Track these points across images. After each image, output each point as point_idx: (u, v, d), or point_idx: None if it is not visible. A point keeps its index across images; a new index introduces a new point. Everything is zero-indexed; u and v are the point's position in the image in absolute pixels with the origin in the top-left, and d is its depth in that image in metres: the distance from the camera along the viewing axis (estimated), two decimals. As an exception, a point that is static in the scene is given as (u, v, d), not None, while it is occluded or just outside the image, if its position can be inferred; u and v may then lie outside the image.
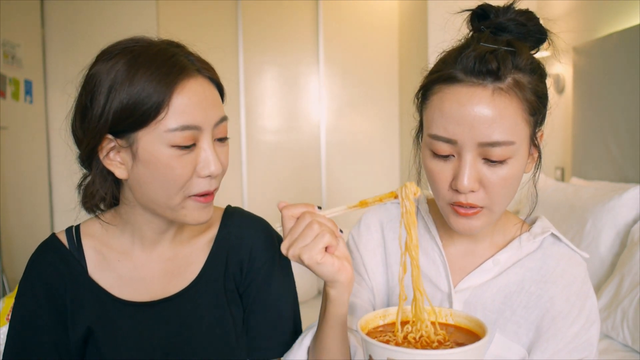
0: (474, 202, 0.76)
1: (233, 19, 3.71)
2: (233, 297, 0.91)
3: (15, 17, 3.11)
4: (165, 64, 0.77)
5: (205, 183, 0.80)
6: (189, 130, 0.77)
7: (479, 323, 0.65)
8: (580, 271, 0.84)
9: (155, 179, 0.78)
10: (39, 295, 0.85)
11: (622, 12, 2.27)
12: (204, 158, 0.79)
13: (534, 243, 0.86)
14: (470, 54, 0.74)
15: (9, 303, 1.29)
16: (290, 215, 0.74)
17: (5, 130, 2.97)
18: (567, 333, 0.80)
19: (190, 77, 0.78)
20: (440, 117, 0.75)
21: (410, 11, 3.48)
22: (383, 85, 3.83)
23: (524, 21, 0.78)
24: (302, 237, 0.72)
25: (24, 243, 3.14)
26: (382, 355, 0.58)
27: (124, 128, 0.77)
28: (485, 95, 0.73)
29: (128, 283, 0.88)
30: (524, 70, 0.75)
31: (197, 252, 0.91)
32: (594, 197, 1.99)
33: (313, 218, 0.73)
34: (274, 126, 3.82)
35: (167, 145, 0.76)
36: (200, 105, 0.78)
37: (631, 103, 2.12)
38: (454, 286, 0.87)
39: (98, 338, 0.85)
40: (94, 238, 0.89)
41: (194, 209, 0.81)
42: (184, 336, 0.87)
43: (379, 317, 0.69)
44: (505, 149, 0.73)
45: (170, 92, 0.75)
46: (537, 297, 0.83)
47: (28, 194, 3.25)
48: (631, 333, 1.55)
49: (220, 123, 0.82)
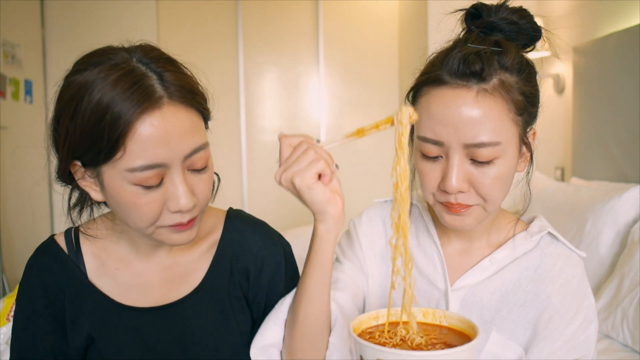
0: (463, 201, 0.76)
1: (233, 19, 3.71)
2: (239, 303, 0.89)
3: (15, 17, 3.11)
4: (126, 93, 0.68)
5: (176, 217, 0.74)
6: (152, 170, 0.70)
7: (471, 325, 0.65)
8: (578, 270, 0.84)
9: (124, 212, 0.74)
10: (37, 299, 0.85)
11: (622, 12, 2.27)
12: (172, 193, 0.72)
13: (530, 242, 0.86)
14: (456, 55, 0.75)
15: (9, 303, 1.29)
16: (288, 144, 0.72)
17: (5, 130, 2.97)
18: (564, 332, 0.80)
19: (154, 108, 0.69)
20: (427, 119, 0.76)
21: (410, 11, 3.48)
22: (383, 85, 3.83)
23: (516, 19, 0.79)
24: (297, 162, 0.69)
25: (24, 243, 3.14)
26: (372, 356, 0.58)
27: (86, 161, 0.73)
28: (470, 96, 0.73)
29: (128, 290, 0.86)
30: (511, 70, 0.75)
31: (198, 259, 0.89)
32: (594, 197, 1.99)
33: (310, 146, 0.71)
34: (274, 126, 3.82)
35: (129, 183, 0.71)
36: (164, 139, 0.69)
37: (631, 103, 2.12)
38: (450, 285, 0.87)
39: (99, 344, 0.84)
40: (93, 243, 0.87)
41: (171, 234, 0.76)
42: (187, 343, 0.85)
43: (372, 319, 0.69)
44: (492, 149, 0.73)
45: (126, 129, 0.68)
46: (534, 296, 0.83)
47: (28, 194, 3.25)
48: (631, 333, 1.55)
49: (194, 154, 0.73)
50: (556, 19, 2.79)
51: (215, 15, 3.67)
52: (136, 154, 0.69)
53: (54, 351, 0.84)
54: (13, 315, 0.88)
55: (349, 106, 3.85)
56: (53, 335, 0.84)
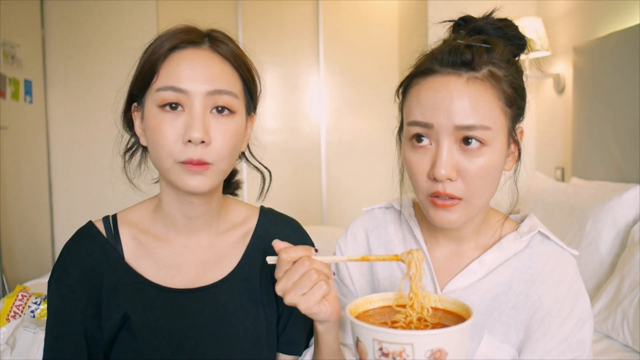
0: (452, 191, 0.76)
1: (233, 19, 3.71)
2: (268, 295, 0.91)
3: (15, 17, 3.11)
4: (174, 33, 0.83)
5: (189, 150, 0.79)
6: (173, 92, 0.79)
7: (465, 307, 0.67)
8: (570, 269, 0.83)
9: (150, 142, 0.83)
10: (73, 282, 0.86)
11: (622, 12, 2.27)
12: (188, 124, 0.79)
13: (521, 242, 0.85)
14: (446, 48, 0.77)
15: (9, 303, 1.29)
16: (289, 260, 0.74)
17: (5, 130, 2.97)
18: (558, 332, 0.80)
19: (193, 46, 0.82)
20: (417, 105, 0.78)
21: (410, 11, 3.48)
22: (383, 85, 3.83)
23: (502, 27, 0.81)
24: (300, 286, 0.72)
25: (24, 243, 3.15)
26: (368, 336, 0.61)
27: (136, 94, 0.84)
28: (460, 82, 0.75)
29: (164, 270, 0.88)
30: (499, 65, 0.77)
31: (233, 244, 0.93)
32: (594, 197, 1.99)
33: (311, 265, 0.73)
34: (274, 126, 3.82)
35: (155, 106, 0.81)
36: (192, 72, 0.80)
37: (631, 103, 2.12)
38: (440, 289, 0.86)
39: (133, 324, 0.85)
40: (131, 226, 0.91)
41: (182, 174, 0.81)
42: (215, 328, 0.87)
43: (368, 302, 0.72)
44: (482, 133, 0.75)
45: (163, 58, 0.81)
46: (526, 297, 0.82)
47: (28, 194, 3.25)
48: (631, 333, 1.55)
49: (217, 95, 0.81)
50: (556, 19, 2.79)
51: (215, 15, 3.67)
52: (165, 77, 0.81)
53: (86, 333, 0.85)
54: (46, 296, 0.91)
55: (349, 106, 3.85)
56: (86, 316, 0.85)
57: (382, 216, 0.97)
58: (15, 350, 1.16)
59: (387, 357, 0.60)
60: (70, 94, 3.47)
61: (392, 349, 0.60)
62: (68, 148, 3.49)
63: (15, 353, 1.16)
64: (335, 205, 3.84)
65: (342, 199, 3.84)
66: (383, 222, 0.96)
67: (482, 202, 0.80)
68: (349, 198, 3.83)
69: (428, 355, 0.59)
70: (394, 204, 0.96)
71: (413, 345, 0.59)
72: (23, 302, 1.29)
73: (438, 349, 0.59)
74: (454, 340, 0.61)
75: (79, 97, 3.49)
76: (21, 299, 1.30)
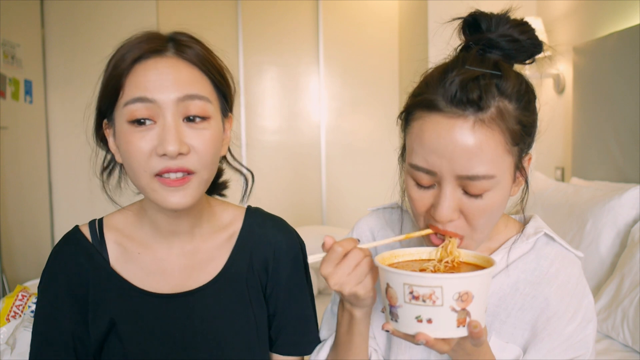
0: (452, 230, 0.75)
1: (233, 19, 3.71)
2: (257, 296, 0.91)
3: (15, 17, 3.11)
4: (136, 42, 0.80)
5: (164, 161, 0.77)
6: (142, 103, 0.77)
7: (486, 259, 0.72)
8: (575, 270, 0.84)
9: (124, 159, 0.81)
10: (60, 288, 0.86)
11: (622, 12, 2.27)
12: (161, 136, 0.76)
13: (526, 244, 0.85)
14: (454, 79, 0.71)
15: (9, 303, 1.29)
16: (341, 252, 0.75)
17: (5, 130, 2.97)
18: (562, 332, 0.80)
19: (157, 55, 0.79)
20: (420, 147, 0.74)
21: (410, 11, 3.48)
22: (383, 85, 3.83)
23: (517, 36, 0.76)
24: (355, 275, 0.75)
25: (24, 243, 3.14)
26: (398, 281, 0.65)
27: (105, 111, 0.82)
28: (466, 127, 0.70)
29: (149, 275, 0.88)
30: (510, 97, 0.73)
31: (218, 247, 0.92)
32: (594, 197, 1.99)
33: (364, 255, 0.76)
34: (274, 126, 3.82)
35: (125, 122, 0.78)
36: (158, 80, 0.77)
37: (631, 103, 2.12)
38: None
39: (121, 329, 0.85)
40: (116, 231, 0.90)
41: (160, 191, 0.78)
42: (204, 331, 0.87)
43: (394, 257, 0.77)
44: (486, 182, 0.72)
45: (127, 70, 0.78)
46: (532, 298, 0.83)
47: (28, 194, 3.25)
48: (631, 333, 1.55)
49: (188, 100, 0.78)
50: (556, 19, 2.79)
51: (215, 15, 3.67)
52: (131, 90, 0.78)
53: (74, 338, 0.85)
54: (35, 302, 0.90)
55: (349, 106, 3.85)
56: (74, 322, 0.85)
57: (388, 216, 0.97)
58: (16, 350, 1.16)
59: (417, 300, 0.64)
60: (70, 94, 3.47)
61: (422, 292, 0.64)
62: (68, 148, 3.49)
63: (15, 353, 1.16)
64: (335, 205, 3.84)
65: (342, 199, 3.84)
66: (389, 222, 0.96)
67: (484, 235, 0.79)
68: (349, 198, 3.83)
69: (456, 297, 0.63)
70: (400, 205, 0.96)
71: (442, 288, 0.63)
72: (23, 302, 1.29)
73: (465, 291, 0.64)
74: (479, 284, 0.65)
75: (79, 97, 3.49)
76: (21, 299, 1.30)
